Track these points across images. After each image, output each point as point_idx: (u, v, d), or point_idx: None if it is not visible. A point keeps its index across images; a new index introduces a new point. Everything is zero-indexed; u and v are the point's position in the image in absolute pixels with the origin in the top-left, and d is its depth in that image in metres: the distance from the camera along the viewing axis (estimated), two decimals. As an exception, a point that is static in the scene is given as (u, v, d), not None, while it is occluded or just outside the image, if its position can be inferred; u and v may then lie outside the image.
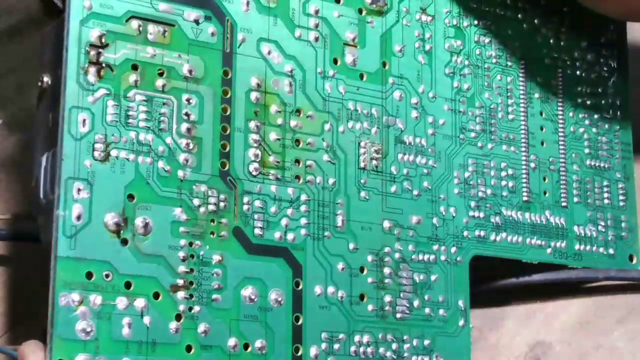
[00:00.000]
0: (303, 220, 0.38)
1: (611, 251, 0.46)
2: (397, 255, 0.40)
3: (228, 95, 0.38)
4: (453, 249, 0.41)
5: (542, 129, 0.45)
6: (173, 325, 0.35)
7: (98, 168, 0.35)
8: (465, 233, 0.42)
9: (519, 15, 0.45)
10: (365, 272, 0.39)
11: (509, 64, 0.45)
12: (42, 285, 0.34)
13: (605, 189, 0.46)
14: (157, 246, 0.36)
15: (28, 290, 0.41)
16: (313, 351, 0.38)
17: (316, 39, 0.40)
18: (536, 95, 0.45)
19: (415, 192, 0.41)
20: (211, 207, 0.37)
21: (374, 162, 0.40)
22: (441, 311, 0.41)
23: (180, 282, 0.36)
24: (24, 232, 0.42)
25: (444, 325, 0.41)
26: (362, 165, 0.40)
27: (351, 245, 0.39)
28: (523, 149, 0.44)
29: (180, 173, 0.36)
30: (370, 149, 0.40)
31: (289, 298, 0.38)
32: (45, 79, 0.37)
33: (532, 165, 0.44)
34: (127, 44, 0.36)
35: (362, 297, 0.39)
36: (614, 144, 0.47)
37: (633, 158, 0.47)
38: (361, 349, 0.39)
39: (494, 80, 0.44)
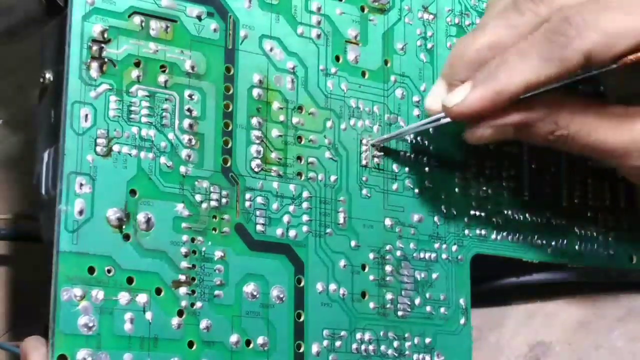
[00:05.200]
0: (305, 217, 0.38)
1: (611, 251, 0.46)
2: (398, 253, 0.40)
3: (230, 92, 0.38)
4: (454, 247, 0.41)
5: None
6: (175, 321, 0.35)
7: (100, 163, 0.35)
8: (467, 231, 0.42)
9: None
10: (366, 269, 0.39)
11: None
12: (43, 284, 0.34)
13: (606, 189, 0.46)
14: (159, 242, 0.35)
15: (29, 289, 0.41)
16: (315, 348, 0.38)
17: (318, 36, 0.40)
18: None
19: (416, 190, 0.41)
20: (213, 203, 0.37)
21: (376, 159, 0.40)
22: (442, 309, 0.41)
23: (182, 277, 0.36)
24: (25, 231, 0.42)
25: (445, 323, 0.41)
26: (363, 162, 0.40)
27: (353, 243, 0.39)
28: (524, 148, 0.44)
29: (182, 169, 0.36)
30: (372, 147, 0.40)
31: (291, 295, 0.38)
32: (47, 75, 0.37)
33: (533, 165, 0.44)
34: (129, 40, 0.36)
35: (363, 294, 0.39)
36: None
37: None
38: (363, 347, 0.39)
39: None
